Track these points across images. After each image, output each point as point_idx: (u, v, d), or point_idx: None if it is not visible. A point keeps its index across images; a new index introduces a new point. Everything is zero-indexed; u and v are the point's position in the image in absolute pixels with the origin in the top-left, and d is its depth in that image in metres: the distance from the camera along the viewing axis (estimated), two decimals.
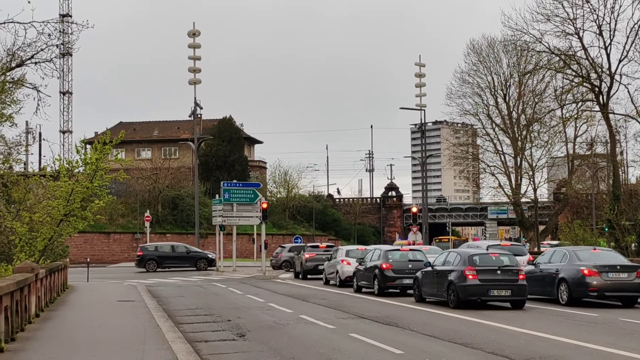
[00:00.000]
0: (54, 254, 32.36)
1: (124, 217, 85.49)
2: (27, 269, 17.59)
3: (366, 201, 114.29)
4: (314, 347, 14.72)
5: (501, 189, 67.19)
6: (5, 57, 26.77)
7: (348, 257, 34.44)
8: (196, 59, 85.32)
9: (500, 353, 13.68)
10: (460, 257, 23.72)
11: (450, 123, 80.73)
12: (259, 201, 48.36)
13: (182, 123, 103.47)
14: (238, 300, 26.73)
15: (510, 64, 65.41)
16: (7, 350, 13.30)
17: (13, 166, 31.33)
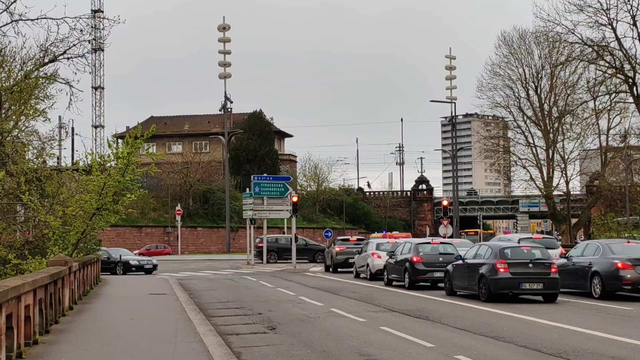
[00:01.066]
0: (87, 248, 32.70)
1: (156, 210, 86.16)
2: (60, 262, 17.78)
3: (396, 194, 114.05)
4: (344, 340, 14.72)
5: (533, 181, 66.63)
6: (38, 53, 27.05)
7: (378, 250, 34.40)
8: (226, 53, 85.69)
9: (532, 347, 13.59)
10: (492, 250, 23.58)
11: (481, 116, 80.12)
12: (289, 194, 48.45)
13: (212, 117, 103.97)
14: (269, 293, 26.81)
15: (542, 56, 64.81)
16: (42, 342, 13.46)
17: (46, 161, 31.71)
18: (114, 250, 48.01)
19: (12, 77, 26.61)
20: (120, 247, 67.81)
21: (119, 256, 45.05)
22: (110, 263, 43.91)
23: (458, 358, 12.51)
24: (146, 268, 44.54)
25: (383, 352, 13.24)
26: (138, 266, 44.32)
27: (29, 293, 12.60)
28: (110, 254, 45.34)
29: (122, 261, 44.34)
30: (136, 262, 44.80)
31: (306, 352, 13.30)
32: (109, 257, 44.02)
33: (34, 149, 31.56)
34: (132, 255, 48.20)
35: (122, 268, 44.03)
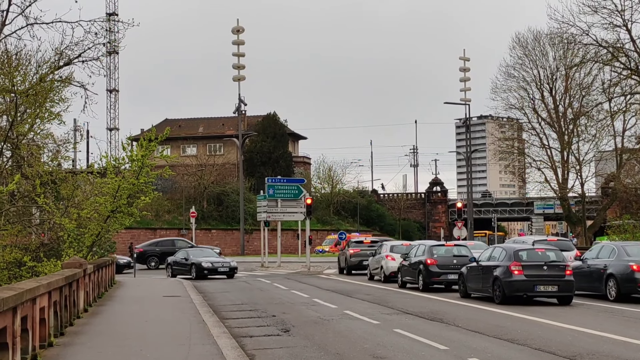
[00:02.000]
0: (102, 250, 32.83)
1: (170, 213, 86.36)
2: (75, 264, 17.86)
3: (411, 196, 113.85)
4: (358, 342, 14.72)
5: (547, 183, 66.31)
6: (53, 56, 27.16)
7: (392, 252, 34.35)
8: (240, 56, 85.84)
9: (546, 349, 13.54)
10: (506, 252, 23.50)
11: (496, 117, 79.68)
12: (303, 197, 48.47)
13: (226, 119, 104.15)
14: (283, 295, 26.83)
15: (556, 57, 64.51)
16: (57, 345, 13.53)
17: (61, 163, 31.85)
18: (194, 251, 41.85)
19: (28, 81, 26.76)
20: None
21: (189, 256, 39.61)
22: (186, 265, 39.36)
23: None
24: (221, 271, 38.53)
25: (396, 354, 13.23)
26: (211, 269, 38.30)
27: (44, 295, 12.67)
28: (189, 255, 40.03)
29: (194, 263, 38.68)
30: (209, 264, 38.40)
31: (320, 354, 13.31)
32: (186, 258, 39.60)
33: (49, 152, 31.72)
34: (214, 255, 41.72)
35: (195, 271, 38.32)
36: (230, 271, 38.70)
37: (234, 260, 40.96)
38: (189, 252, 40.82)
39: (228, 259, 41.31)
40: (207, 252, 42.12)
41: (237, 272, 39.32)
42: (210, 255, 40.69)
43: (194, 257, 39.16)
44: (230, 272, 38.66)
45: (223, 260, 40.22)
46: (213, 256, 40.91)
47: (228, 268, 38.71)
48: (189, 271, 38.66)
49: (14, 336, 10.09)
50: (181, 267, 39.65)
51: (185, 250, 41.72)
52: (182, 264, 39.59)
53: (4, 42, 26.81)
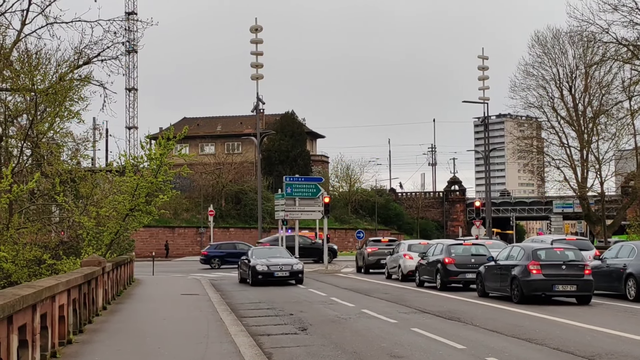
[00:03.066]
0: (120, 248, 32.98)
1: (188, 211, 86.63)
2: (94, 262, 17.97)
3: (429, 195, 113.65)
4: (375, 341, 14.72)
5: (567, 182, 65.94)
6: (72, 55, 27.33)
7: (410, 251, 34.30)
8: (258, 55, 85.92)
9: (565, 349, 13.48)
10: (524, 251, 23.41)
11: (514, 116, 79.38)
12: (321, 195, 48.46)
13: (245, 118, 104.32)
14: (300, 294, 26.85)
15: (576, 56, 64.13)
16: (76, 342, 13.62)
17: (81, 162, 32.01)
18: (260, 251, 35.23)
19: (48, 79, 26.93)
20: (152, 249, 67.11)
21: (252, 256, 33.10)
22: (247, 268, 32.67)
23: (490, 359, 12.46)
24: (279, 276, 31.54)
25: (414, 353, 13.22)
26: (265, 273, 31.39)
27: (63, 293, 12.76)
28: (252, 255, 33.32)
29: (251, 266, 32.13)
30: (264, 267, 31.55)
31: (337, 353, 13.32)
32: (248, 259, 32.97)
33: (69, 151, 31.92)
34: (284, 255, 34.31)
35: (251, 275, 31.74)
36: (292, 275, 31.47)
37: (299, 262, 32.82)
38: (254, 251, 34.52)
39: (293, 260, 33.35)
40: (275, 252, 35.09)
41: (302, 276, 31.99)
42: (276, 255, 33.66)
43: (255, 258, 32.57)
44: (293, 277, 31.55)
45: (284, 261, 32.31)
46: (282, 256, 33.62)
47: (288, 272, 31.40)
48: (247, 274, 32.46)
49: (34, 333, 10.17)
50: (244, 271, 33.61)
51: (252, 249, 36.00)
52: (245, 264, 33.52)
53: (24, 41, 27.01)
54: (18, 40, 26.18)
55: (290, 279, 31.65)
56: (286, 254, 34.44)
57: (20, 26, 25.78)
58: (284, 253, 34.66)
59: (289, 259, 33.07)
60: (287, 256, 33.76)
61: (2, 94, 26.91)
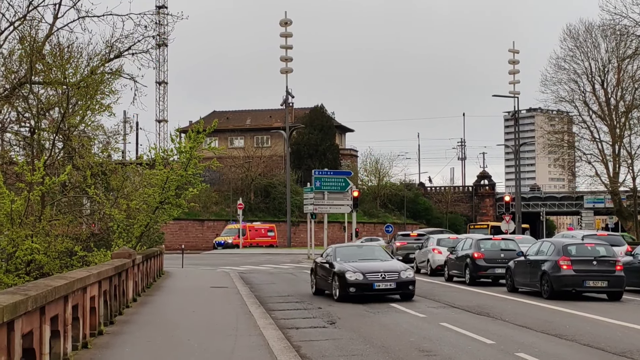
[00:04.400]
0: (150, 241, 33.19)
1: (217, 204, 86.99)
2: (124, 254, 18.11)
3: (458, 190, 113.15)
4: (404, 335, 14.70)
5: (598, 177, 65.34)
6: (104, 49, 27.54)
7: (439, 246, 34.21)
8: (288, 48, 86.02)
9: (595, 345, 13.37)
10: (555, 246, 23.22)
11: (545, 110, 78.60)
12: (350, 189, 48.45)
13: (274, 112, 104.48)
14: None
15: (608, 49, 63.43)
16: (107, 333, 13.75)
17: (111, 155, 32.26)
18: (347, 250, 24.31)
19: (79, 73, 27.15)
20: (182, 241, 67.13)
21: (335, 258, 22.88)
22: (329, 274, 22.58)
23: (519, 355, 12.38)
24: (381, 288, 21.44)
25: (442, 348, 13.18)
26: (361, 285, 21.34)
27: (94, 285, 12.88)
28: (336, 256, 23.03)
29: (336, 273, 21.92)
30: (358, 275, 21.38)
31: (365, 347, 13.32)
32: (330, 263, 22.75)
33: (100, 143, 32.15)
34: (378, 255, 23.76)
35: (339, 287, 21.63)
36: (400, 287, 21.58)
37: (407, 268, 22.60)
38: (337, 251, 23.68)
39: (398, 264, 23.09)
40: (367, 251, 24.41)
41: (414, 288, 21.98)
42: (370, 257, 23.37)
43: (341, 261, 22.47)
44: (400, 290, 21.67)
45: (386, 266, 22.08)
46: (379, 258, 23.40)
47: (394, 283, 21.49)
48: (330, 284, 22.48)
49: (65, 324, 10.29)
50: (322, 278, 23.49)
51: (333, 248, 24.31)
52: (325, 269, 23.14)
53: (56, 35, 27.25)
54: (50, 33, 26.41)
55: (396, 293, 21.71)
56: (383, 254, 24.15)
57: (53, 20, 26.01)
58: (381, 253, 24.11)
59: (391, 263, 22.82)
60: (385, 258, 23.57)
61: (35, 87, 27.16)
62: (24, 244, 20.04)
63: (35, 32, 26.39)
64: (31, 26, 26.16)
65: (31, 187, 21.03)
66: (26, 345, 8.14)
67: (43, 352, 8.82)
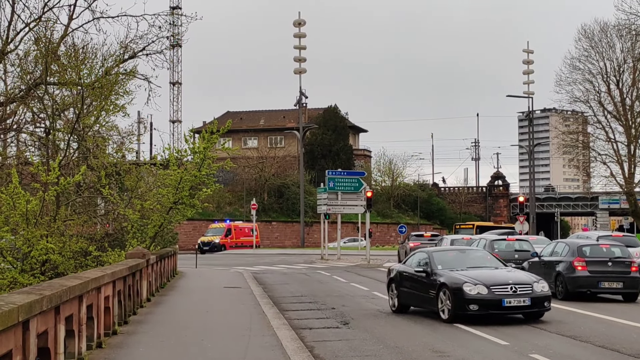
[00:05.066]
0: (164, 241, 33.27)
1: (231, 205, 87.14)
2: (138, 254, 18.18)
3: (472, 190, 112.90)
4: (417, 336, 14.68)
5: (613, 178, 65.00)
6: (118, 50, 27.65)
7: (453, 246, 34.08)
8: (301, 49, 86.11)
9: (610, 347, 13.30)
10: (569, 247, 23.12)
11: (560, 110, 78.34)
12: (363, 190, 48.38)
13: (287, 112, 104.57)
14: (342, 288, 26.86)
15: (623, 49, 63.09)
16: (121, 333, 13.80)
17: (126, 155, 32.36)
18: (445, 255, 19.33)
19: (94, 74, 27.28)
20: (195, 241, 66.43)
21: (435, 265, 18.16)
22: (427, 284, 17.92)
23: (533, 357, 12.34)
24: (512, 306, 16.84)
25: (456, 349, 13.15)
26: (486, 301, 16.66)
27: (108, 284, 12.93)
28: (435, 262, 18.28)
29: (445, 284, 17.21)
30: (481, 290, 16.68)
31: (379, 347, 13.31)
32: (428, 271, 18.04)
33: (114, 144, 32.31)
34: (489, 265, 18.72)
35: (453, 303, 16.78)
36: (535, 305, 17.13)
37: (539, 280, 17.95)
38: (434, 256, 18.66)
39: (525, 275, 18.23)
40: (472, 256, 19.53)
41: (549, 305, 17.48)
42: (481, 264, 18.66)
43: (447, 270, 17.84)
44: (535, 307, 17.20)
45: (515, 278, 17.48)
46: (493, 265, 18.67)
47: (529, 299, 16.95)
48: (433, 300, 17.46)
49: (80, 324, 10.33)
50: (415, 287, 18.41)
51: (430, 253, 19.05)
52: (419, 280, 18.26)
53: (71, 36, 27.38)
54: (65, 34, 26.54)
55: (530, 311, 17.19)
56: (495, 260, 19.30)
57: (68, 21, 26.14)
58: (493, 260, 19.30)
59: (517, 273, 18.33)
60: (500, 265, 18.84)
61: (50, 87, 27.30)
62: (39, 243, 20.15)
63: (50, 33, 26.53)
64: (46, 27, 26.30)
65: (46, 188, 21.15)
66: (41, 345, 8.19)
67: (58, 352, 8.86)
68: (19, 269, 20.43)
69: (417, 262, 19.00)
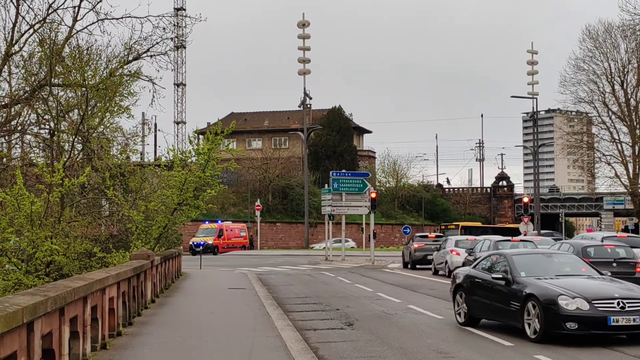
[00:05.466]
0: (169, 242, 33.30)
1: (235, 206, 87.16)
2: (143, 256, 18.19)
3: (476, 191, 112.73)
4: (422, 337, 14.67)
5: (618, 178, 64.94)
6: (122, 51, 27.68)
7: (457, 247, 34.10)
8: (305, 50, 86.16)
9: (615, 348, 13.29)
10: (574, 248, 23.10)
11: (564, 111, 78.24)
12: (367, 191, 48.38)
13: (292, 113, 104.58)
14: (346, 289, 26.85)
15: (628, 50, 63.03)
16: (125, 334, 13.81)
17: (130, 156, 32.41)
18: (528, 260, 16.19)
19: (98, 75, 27.32)
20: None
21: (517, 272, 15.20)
22: (506, 295, 14.97)
23: (538, 357, 12.34)
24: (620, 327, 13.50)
25: (461, 350, 13.14)
26: (588, 319, 13.50)
27: (113, 286, 12.94)
28: (516, 268, 15.35)
29: (534, 296, 14.04)
30: (582, 305, 13.59)
31: (383, 348, 13.30)
32: (509, 279, 15.08)
33: (118, 145, 32.34)
34: (580, 272, 15.82)
35: (544, 319, 13.66)
36: None
37: None
38: (513, 259, 15.76)
39: (634, 286, 15.30)
40: (559, 261, 16.75)
41: None
42: (570, 272, 15.92)
43: (529, 277, 15.03)
44: None
45: (622, 291, 14.38)
46: (587, 274, 15.80)
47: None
48: (515, 313, 14.62)
49: (84, 325, 10.34)
50: (491, 297, 15.63)
51: (501, 255, 16.46)
52: (496, 289, 15.42)
53: (76, 37, 27.41)
54: (70, 36, 26.58)
55: None
56: (588, 267, 16.45)
57: (72, 22, 26.18)
58: (584, 267, 16.42)
59: (622, 284, 15.37)
60: (593, 273, 15.89)
61: (54, 89, 27.35)
62: (43, 245, 20.17)
63: (54, 34, 26.58)
64: (51, 29, 26.34)
65: (51, 189, 21.17)
66: (46, 346, 8.19)
67: (62, 353, 8.87)
68: (24, 271, 20.46)
69: (491, 267, 16.10)
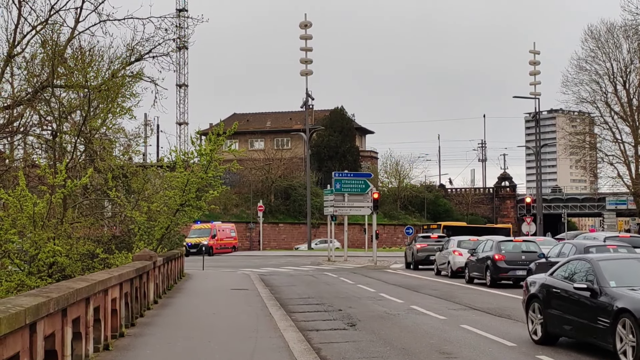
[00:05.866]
0: (171, 243, 33.34)
1: (238, 207, 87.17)
2: (145, 257, 18.21)
3: (479, 191, 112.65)
4: (424, 337, 14.67)
5: (620, 178, 64.95)
6: (124, 52, 27.70)
7: (460, 247, 34.09)
8: (307, 50, 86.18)
9: None
10: (576, 248, 23.08)
11: (566, 111, 78.29)
12: (370, 191, 48.37)
13: (294, 114, 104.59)
14: (349, 290, 26.85)
15: (630, 50, 63.04)
16: (128, 335, 13.82)
17: (132, 157, 32.45)
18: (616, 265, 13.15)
19: (100, 76, 27.34)
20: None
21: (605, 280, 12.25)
22: (593, 309, 12.11)
23: (540, 358, 12.33)
24: None
25: (463, 350, 13.14)
26: None
27: (115, 287, 12.96)
28: (603, 275, 12.34)
29: (628, 312, 11.13)
30: None
31: (385, 349, 13.30)
32: (598, 287, 12.18)
33: (121, 146, 32.37)
34: None
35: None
36: None
37: None
38: (599, 265, 12.77)
39: None
40: None
41: None
42: None
43: (621, 287, 11.97)
44: None
45: None
46: None
47: None
48: (604, 331, 11.75)
49: (87, 326, 10.35)
50: (572, 311, 12.90)
51: (585, 260, 13.34)
52: (579, 301, 12.62)
53: (78, 38, 27.42)
54: (72, 37, 26.59)
55: None
56: None
57: (74, 24, 26.19)
58: None
59: None
60: None
61: (57, 90, 27.37)
62: (46, 246, 20.19)
63: (57, 36, 26.60)
64: (53, 30, 26.37)
65: (53, 190, 21.19)
66: (48, 347, 8.21)
67: (65, 354, 8.88)
68: (26, 272, 20.48)
69: (572, 274, 13.37)
